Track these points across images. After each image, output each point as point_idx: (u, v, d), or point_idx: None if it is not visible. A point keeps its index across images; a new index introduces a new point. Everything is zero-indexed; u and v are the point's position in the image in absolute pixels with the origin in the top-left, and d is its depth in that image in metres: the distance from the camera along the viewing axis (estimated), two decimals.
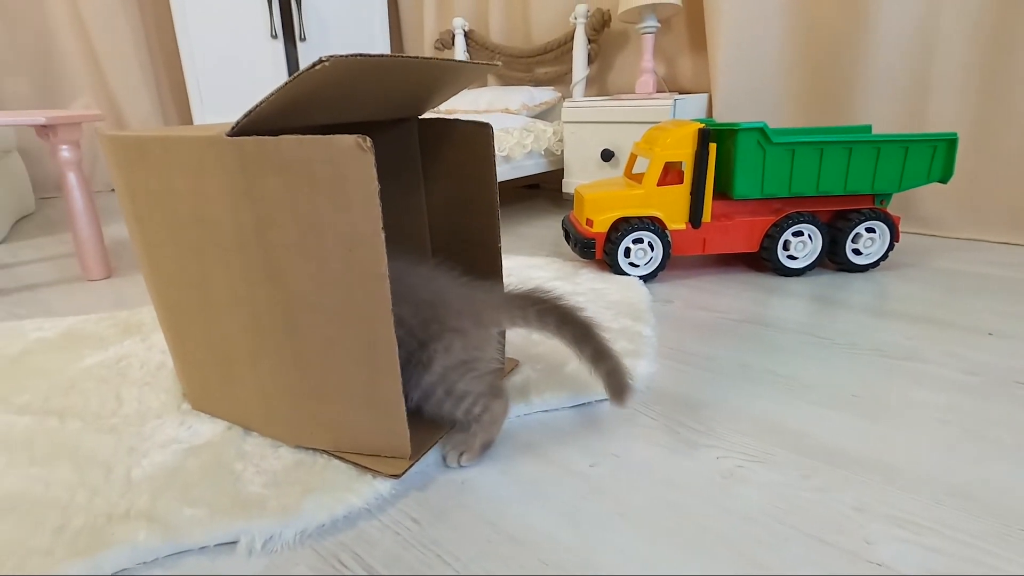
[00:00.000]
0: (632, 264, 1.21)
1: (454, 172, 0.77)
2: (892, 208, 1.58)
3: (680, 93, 1.87)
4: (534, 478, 0.61)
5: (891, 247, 1.21)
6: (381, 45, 2.59)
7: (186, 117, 2.67)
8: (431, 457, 0.65)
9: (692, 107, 1.67)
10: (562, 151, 1.90)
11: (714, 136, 1.24)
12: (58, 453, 0.64)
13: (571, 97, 2.07)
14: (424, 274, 0.65)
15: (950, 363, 0.84)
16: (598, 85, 2.13)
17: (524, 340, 0.92)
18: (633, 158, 1.32)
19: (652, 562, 0.50)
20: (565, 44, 2.06)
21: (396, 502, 0.58)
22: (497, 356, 0.65)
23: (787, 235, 1.19)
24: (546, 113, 2.14)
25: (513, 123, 1.82)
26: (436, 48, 2.40)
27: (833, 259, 1.23)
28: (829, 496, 0.58)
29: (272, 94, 0.48)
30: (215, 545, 0.52)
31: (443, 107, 2.19)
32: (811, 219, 1.18)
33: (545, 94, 2.06)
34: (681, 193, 1.18)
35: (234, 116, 2.32)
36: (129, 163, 0.62)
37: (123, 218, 0.53)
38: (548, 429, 0.70)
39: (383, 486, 0.58)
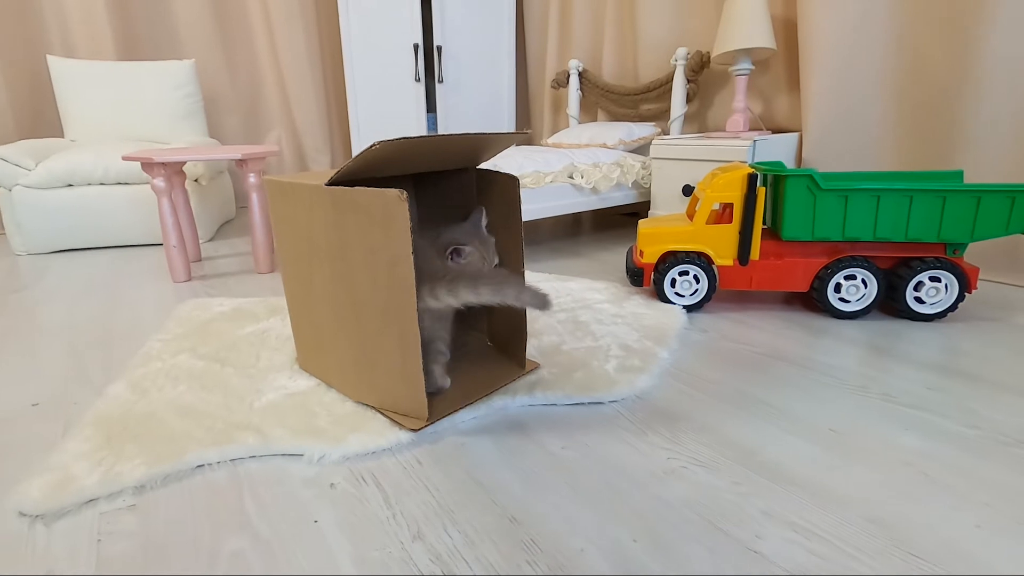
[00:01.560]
0: (678, 294, 1.32)
1: (496, 210, 0.99)
2: (997, 254, 1.47)
3: (774, 132, 1.89)
4: (514, 449, 0.80)
5: (961, 298, 1.18)
6: (508, 84, 2.92)
7: (347, 146, 3.23)
8: (446, 423, 0.86)
9: (775, 147, 1.71)
10: (650, 184, 2.02)
11: (772, 179, 1.30)
12: (216, 385, 0.97)
13: (668, 133, 2.18)
14: None
15: (957, 416, 0.85)
16: (698, 122, 2.21)
17: (553, 349, 1.10)
18: (695, 197, 1.42)
19: (572, 516, 0.66)
20: (667, 83, 2.18)
21: (411, 448, 0.80)
22: (443, 336, 0.89)
23: (839, 278, 1.21)
24: (645, 148, 2.27)
25: (606, 157, 1.99)
26: (552, 87, 2.65)
27: (894, 306, 1.22)
28: (746, 499, 0.68)
29: (347, 164, 0.74)
30: (290, 454, 0.79)
31: (551, 140, 2.42)
32: (865, 264, 1.19)
33: (644, 130, 2.20)
34: (730, 231, 1.27)
35: None
36: (276, 198, 0.93)
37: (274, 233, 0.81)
38: (542, 418, 0.88)
39: (404, 436, 0.81)
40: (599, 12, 2.51)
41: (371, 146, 0.70)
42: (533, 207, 1.82)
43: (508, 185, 0.95)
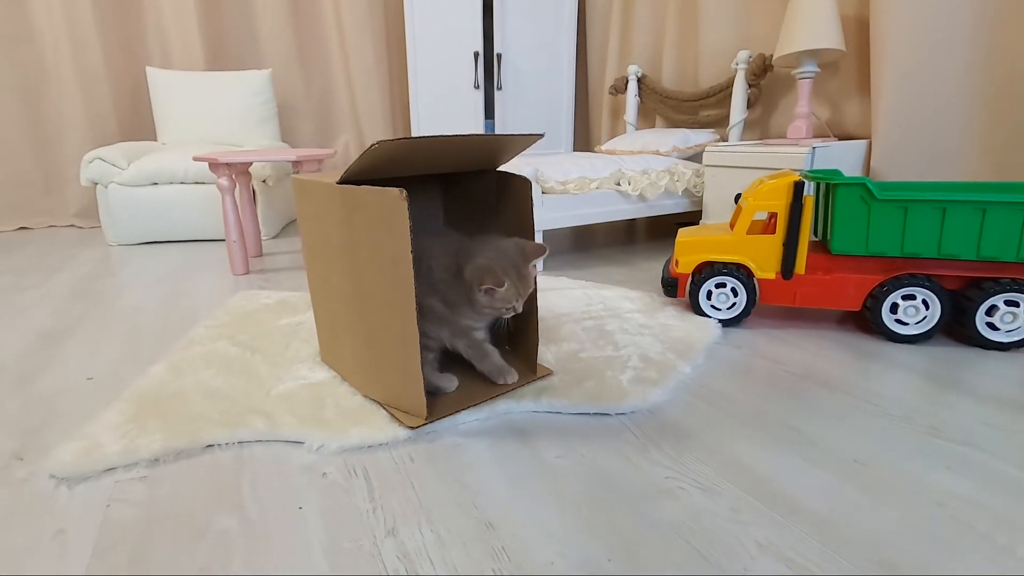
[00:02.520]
0: (714, 307, 1.25)
1: (511, 211, 0.98)
2: None
3: (841, 139, 1.76)
4: (509, 455, 0.78)
5: None
6: (567, 91, 2.90)
7: None
8: (447, 423, 0.86)
9: (839, 155, 1.58)
10: (703, 193, 1.93)
11: (823, 188, 1.21)
12: (242, 371, 1.02)
13: (727, 140, 2.08)
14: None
15: (1014, 458, 0.75)
16: (760, 129, 2.09)
17: (570, 356, 1.07)
18: (739, 207, 1.34)
19: (550, 527, 0.64)
20: (727, 88, 2.08)
21: (406, 445, 0.81)
22: (431, 334, 0.92)
23: (895, 297, 1.10)
24: (701, 155, 2.18)
25: (656, 164, 1.93)
26: (610, 93, 2.61)
27: (963, 331, 1.09)
28: (743, 529, 0.63)
29: (354, 163, 0.76)
30: (293, 441, 0.82)
31: (604, 147, 2.38)
32: (928, 283, 1.08)
33: (701, 136, 2.11)
34: (773, 243, 1.19)
35: None
36: (299, 196, 0.97)
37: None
38: (545, 425, 0.86)
39: (402, 432, 0.82)
40: (661, 15, 2.45)
41: (372, 146, 0.72)
42: (577, 213, 1.80)
43: (521, 187, 0.94)
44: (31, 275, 1.86)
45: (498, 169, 1.02)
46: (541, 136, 0.87)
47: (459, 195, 1.13)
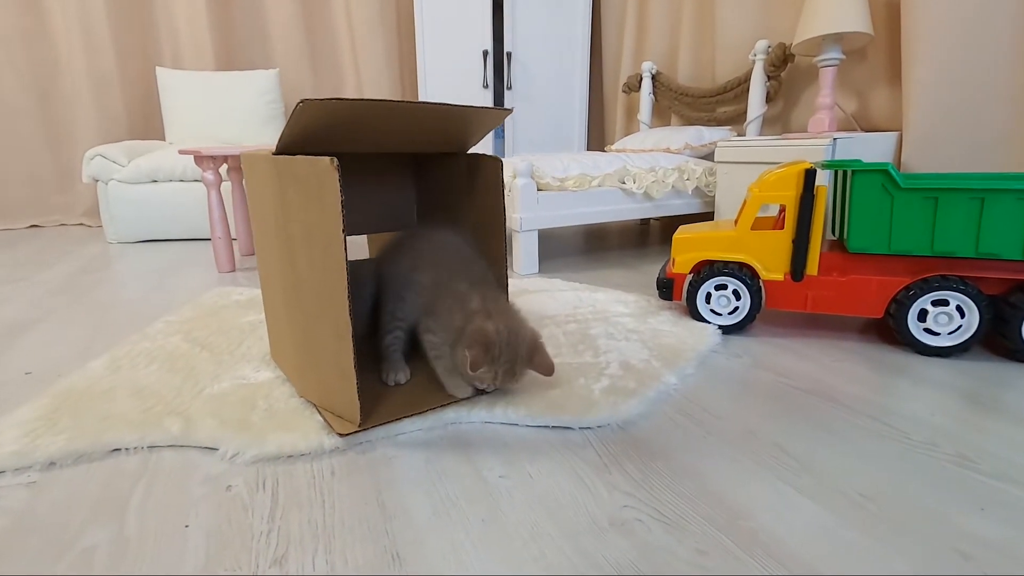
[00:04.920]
0: (714, 311, 1.11)
1: (483, 193, 0.88)
2: None
3: (868, 132, 1.60)
4: (445, 473, 0.67)
5: None
6: (580, 90, 2.80)
7: None
8: (386, 431, 0.75)
9: (865, 148, 1.43)
10: (715, 191, 1.79)
11: (841, 177, 1.07)
12: (183, 368, 0.94)
13: (744, 136, 1.94)
14: None
15: None
16: (781, 124, 1.94)
17: None
18: (744, 201, 1.21)
19: (468, 563, 0.52)
20: (745, 82, 1.94)
21: (331, 456, 0.71)
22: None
23: (924, 303, 0.95)
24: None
25: (666, 162, 1.80)
26: (623, 91, 2.49)
27: (1006, 343, 0.93)
28: (703, 574, 0.50)
29: (284, 129, 0.67)
30: (207, 447, 0.72)
31: (615, 146, 2.26)
32: (962, 286, 0.92)
33: (716, 133, 1.97)
34: (781, 239, 1.05)
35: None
36: (248, 174, 0.89)
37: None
38: (495, 438, 0.74)
39: (330, 441, 0.72)
40: (677, 7, 2.33)
41: (297, 105, 0.63)
42: (577, 212, 1.68)
43: (491, 169, 0.84)
44: (24, 269, 1.85)
45: (469, 152, 0.92)
46: (510, 111, 0.77)
47: (432, 181, 1.04)
